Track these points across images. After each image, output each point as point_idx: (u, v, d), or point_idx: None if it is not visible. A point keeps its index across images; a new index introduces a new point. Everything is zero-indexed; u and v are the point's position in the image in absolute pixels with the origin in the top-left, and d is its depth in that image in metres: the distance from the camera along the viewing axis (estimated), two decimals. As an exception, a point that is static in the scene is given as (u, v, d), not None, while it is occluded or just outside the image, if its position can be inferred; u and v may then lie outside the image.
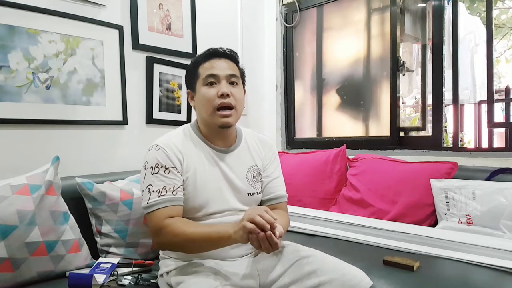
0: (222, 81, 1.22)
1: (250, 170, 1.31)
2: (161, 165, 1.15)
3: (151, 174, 1.15)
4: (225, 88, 1.21)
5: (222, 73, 1.23)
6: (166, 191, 1.13)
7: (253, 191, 1.30)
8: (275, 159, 1.41)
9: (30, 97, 1.68)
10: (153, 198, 1.12)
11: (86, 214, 1.57)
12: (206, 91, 1.22)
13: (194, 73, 1.27)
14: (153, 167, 1.15)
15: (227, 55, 1.28)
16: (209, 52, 1.27)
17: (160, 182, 1.14)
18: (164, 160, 1.16)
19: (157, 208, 1.12)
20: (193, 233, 1.08)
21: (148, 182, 1.14)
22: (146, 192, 1.14)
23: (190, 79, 1.30)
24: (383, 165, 2.05)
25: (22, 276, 1.28)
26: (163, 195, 1.12)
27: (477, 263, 1.35)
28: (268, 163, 1.38)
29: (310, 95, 2.84)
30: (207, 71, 1.23)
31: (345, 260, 1.18)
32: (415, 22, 2.48)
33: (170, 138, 1.24)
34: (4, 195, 1.28)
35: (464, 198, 1.66)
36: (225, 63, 1.26)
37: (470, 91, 3.71)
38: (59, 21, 1.76)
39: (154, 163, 1.16)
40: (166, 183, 1.14)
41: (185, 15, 2.31)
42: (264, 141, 1.41)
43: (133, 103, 2.07)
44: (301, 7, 2.78)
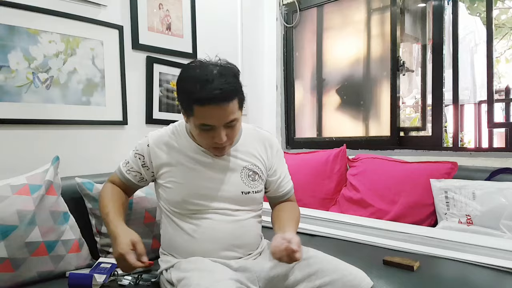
0: (219, 128, 1.12)
1: (244, 170, 1.28)
2: (136, 149, 1.32)
3: (133, 151, 1.33)
4: (221, 137, 1.13)
5: (219, 123, 1.11)
6: (126, 166, 1.33)
7: (248, 189, 1.27)
8: (279, 155, 1.38)
9: (30, 97, 1.68)
10: (121, 166, 1.35)
11: (86, 214, 1.57)
12: (201, 133, 1.15)
13: (187, 106, 1.13)
14: (134, 150, 1.33)
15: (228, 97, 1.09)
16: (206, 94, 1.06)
17: (129, 159, 1.33)
18: (140, 147, 1.31)
19: (115, 171, 1.37)
20: (102, 202, 1.26)
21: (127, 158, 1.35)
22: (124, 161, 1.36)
23: (181, 104, 1.17)
24: (383, 165, 2.05)
25: (22, 276, 1.28)
26: (123, 166, 1.34)
27: (477, 263, 1.35)
28: (273, 161, 1.35)
29: (310, 95, 2.84)
30: (202, 120, 1.11)
31: (345, 260, 1.18)
32: (415, 22, 2.48)
33: (165, 132, 1.32)
34: (4, 195, 1.28)
35: (464, 198, 1.66)
36: (224, 111, 1.10)
37: (470, 91, 3.71)
38: (59, 21, 1.76)
39: (135, 146, 1.33)
40: (129, 161, 1.33)
41: (185, 15, 2.31)
42: (265, 138, 1.36)
43: (133, 103, 2.07)
44: (301, 7, 2.78)
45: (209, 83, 1.07)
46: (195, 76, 1.10)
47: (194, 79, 1.10)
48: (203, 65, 1.13)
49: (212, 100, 1.07)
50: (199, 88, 1.07)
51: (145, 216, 1.59)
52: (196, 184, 1.24)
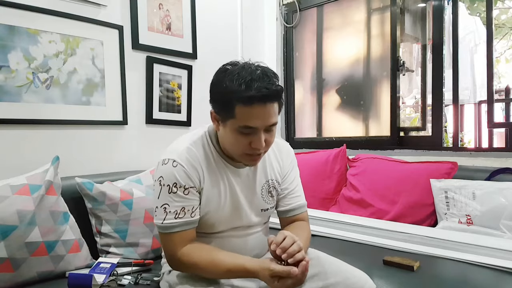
0: (260, 131, 1.02)
1: (265, 186, 1.20)
2: (179, 185, 1.04)
3: (167, 192, 1.04)
4: (262, 141, 1.03)
5: (262, 124, 1.01)
6: (184, 213, 1.05)
7: (266, 206, 1.21)
8: (294, 166, 1.28)
9: (30, 97, 1.68)
10: (169, 220, 1.04)
11: (86, 214, 1.57)
12: (238, 138, 1.03)
13: (227, 107, 1.01)
14: (170, 186, 1.04)
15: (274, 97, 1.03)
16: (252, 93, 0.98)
17: (178, 203, 1.04)
18: (183, 179, 1.05)
19: (173, 231, 1.04)
20: (207, 265, 1.02)
21: (164, 201, 1.05)
22: (161, 210, 1.05)
23: (220, 109, 1.05)
24: (383, 165, 2.05)
25: (22, 276, 1.28)
26: (180, 217, 1.04)
27: (477, 263, 1.35)
28: (287, 172, 1.25)
29: (310, 95, 2.84)
30: (245, 121, 1.00)
31: (345, 260, 1.17)
32: (415, 22, 2.48)
33: (190, 150, 1.09)
34: (4, 195, 1.28)
35: (464, 198, 1.66)
36: (269, 111, 1.02)
37: (470, 91, 3.71)
38: (59, 21, 1.76)
39: (172, 182, 1.04)
40: (185, 204, 1.05)
41: (185, 15, 2.31)
42: (282, 147, 1.27)
43: (133, 103, 2.07)
44: (301, 7, 2.78)
45: (255, 81, 0.99)
46: (238, 76, 1.00)
47: (237, 78, 1.00)
48: (244, 66, 1.04)
49: (259, 99, 0.98)
50: (245, 87, 0.98)
51: (145, 216, 1.59)
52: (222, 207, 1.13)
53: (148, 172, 1.78)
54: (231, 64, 1.07)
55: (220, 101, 1.05)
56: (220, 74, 1.06)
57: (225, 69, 1.06)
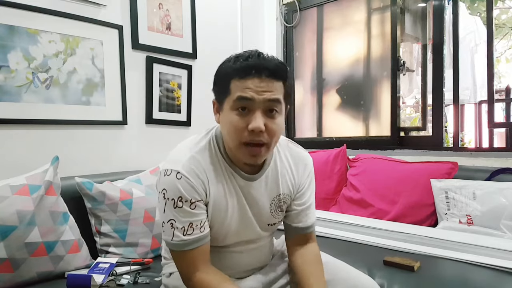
0: (257, 110, 0.93)
1: (275, 200, 1.09)
2: (185, 199, 0.95)
3: (173, 207, 0.95)
4: (259, 122, 0.92)
5: (259, 98, 0.92)
6: (192, 229, 0.96)
7: (274, 221, 1.12)
8: (311, 181, 1.16)
9: (30, 97, 1.68)
10: (178, 237, 0.95)
11: (85, 214, 1.57)
12: (234, 118, 0.94)
13: (223, 85, 0.96)
14: (175, 200, 0.95)
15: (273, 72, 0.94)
16: (247, 63, 0.93)
17: (185, 219, 0.96)
18: (188, 193, 0.96)
19: (184, 249, 0.96)
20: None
21: (170, 216, 0.96)
22: (168, 226, 0.97)
23: (218, 90, 1.00)
24: (383, 165, 2.05)
25: (22, 276, 1.28)
26: (189, 234, 0.95)
27: (477, 263, 1.35)
28: (303, 188, 1.13)
29: (310, 95, 2.84)
30: (239, 92, 0.92)
31: (345, 261, 1.17)
32: (416, 22, 2.48)
33: (194, 159, 0.99)
34: (3, 196, 1.28)
35: (464, 198, 1.65)
36: (267, 84, 0.93)
37: (470, 91, 3.71)
38: (59, 21, 1.76)
39: (177, 195, 0.95)
40: (192, 220, 0.96)
41: (185, 15, 2.31)
42: (298, 159, 1.14)
43: (133, 103, 2.07)
44: (301, 7, 2.77)
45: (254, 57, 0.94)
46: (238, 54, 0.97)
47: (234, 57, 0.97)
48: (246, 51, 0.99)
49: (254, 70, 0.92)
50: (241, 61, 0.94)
51: (145, 216, 1.59)
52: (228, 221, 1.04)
53: (148, 172, 1.78)
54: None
55: (217, 82, 1.00)
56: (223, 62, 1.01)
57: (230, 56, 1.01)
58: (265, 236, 1.15)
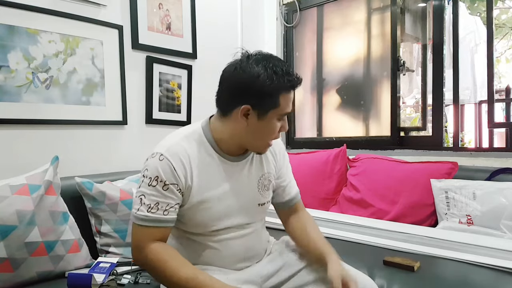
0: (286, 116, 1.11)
1: (261, 179, 1.19)
2: (160, 179, 1.01)
3: (147, 184, 1.02)
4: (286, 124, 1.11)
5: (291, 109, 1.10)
6: (157, 208, 1.01)
7: (263, 201, 1.19)
8: (286, 157, 1.30)
9: (30, 97, 1.68)
10: (142, 212, 1.01)
11: (85, 214, 1.57)
12: (275, 126, 1.07)
13: (272, 99, 1.03)
14: (151, 178, 1.02)
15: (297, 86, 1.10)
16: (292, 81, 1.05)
17: (154, 198, 1.02)
18: (165, 175, 1.02)
19: (143, 224, 1.01)
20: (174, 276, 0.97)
21: (142, 191, 1.03)
22: (138, 200, 1.03)
23: (263, 101, 1.04)
24: (383, 165, 2.05)
25: (22, 276, 1.28)
26: (153, 212, 1.01)
27: (477, 263, 1.35)
28: (281, 165, 1.26)
29: (310, 95, 2.84)
30: (286, 108, 1.07)
31: (345, 261, 1.17)
32: (416, 22, 2.48)
33: (180, 144, 1.06)
34: (3, 195, 1.28)
35: (464, 198, 1.65)
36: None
37: (470, 91, 3.71)
38: (59, 21, 1.76)
39: (154, 175, 1.02)
40: (160, 200, 1.02)
41: (185, 15, 2.31)
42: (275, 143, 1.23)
43: (132, 103, 2.07)
44: (301, 7, 2.77)
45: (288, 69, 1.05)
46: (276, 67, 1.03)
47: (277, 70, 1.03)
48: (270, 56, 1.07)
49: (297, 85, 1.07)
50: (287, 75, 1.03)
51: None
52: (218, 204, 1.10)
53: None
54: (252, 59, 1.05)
55: (264, 93, 1.03)
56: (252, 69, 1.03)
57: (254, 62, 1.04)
58: (256, 220, 1.20)
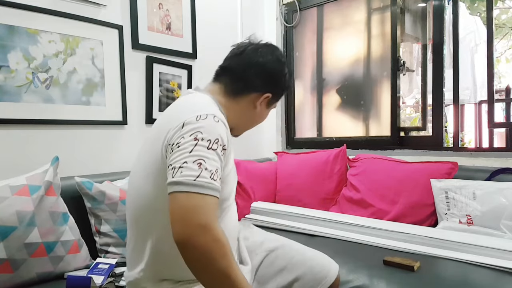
0: None
1: None
2: (221, 142, 0.87)
3: (206, 148, 0.84)
4: None
5: None
6: (217, 176, 0.84)
7: None
8: None
9: (30, 97, 1.68)
10: (205, 178, 0.80)
11: (85, 214, 1.57)
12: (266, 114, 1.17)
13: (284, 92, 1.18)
14: (211, 140, 0.85)
15: None
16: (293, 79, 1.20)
17: (215, 163, 0.84)
18: (225, 137, 0.89)
19: (210, 194, 0.80)
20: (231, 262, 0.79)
21: (201, 155, 0.83)
22: (195, 165, 0.81)
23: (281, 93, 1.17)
24: (383, 165, 2.05)
25: (22, 277, 1.28)
26: (215, 179, 0.82)
27: (477, 263, 1.35)
28: None
29: (310, 95, 2.84)
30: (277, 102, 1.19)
31: (345, 260, 1.18)
32: (416, 22, 2.48)
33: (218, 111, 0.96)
34: (3, 196, 1.28)
35: (464, 198, 1.65)
36: None
37: (470, 91, 3.71)
38: (59, 21, 1.76)
39: (214, 137, 0.86)
40: (219, 167, 0.85)
41: (185, 15, 2.31)
42: None
43: (132, 103, 2.07)
44: (301, 7, 2.77)
45: None
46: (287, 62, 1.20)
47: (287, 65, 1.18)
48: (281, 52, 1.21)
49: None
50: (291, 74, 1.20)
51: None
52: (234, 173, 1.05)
53: (148, 172, 1.78)
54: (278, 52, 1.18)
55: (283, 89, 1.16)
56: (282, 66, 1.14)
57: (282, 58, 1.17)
58: None
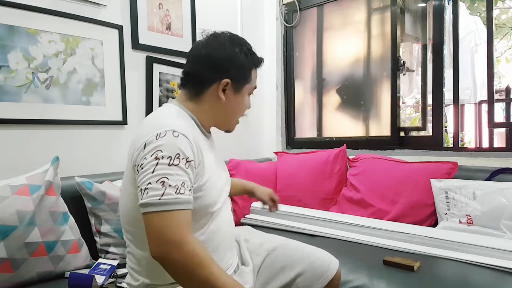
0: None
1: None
2: (182, 156, 0.88)
3: (167, 165, 0.86)
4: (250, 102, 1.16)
5: None
6: (185, 189, 0.86)
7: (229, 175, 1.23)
8: None
9: (30, 97, 1.68)
10: (169, 195, 0.84)
11: (85, 214, 1.57)
12: (247, 100, 1.13)
13: (245, 73, 1.09)
14: (172, 157, 0.87)
15: None
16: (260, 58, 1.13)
17: (179, 177, 0.86)
18: (186, 150, 0.90)
19: (176, 209, 0.83)
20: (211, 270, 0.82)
21: (163, 173, 0.85)
22: (158, 185, 0.84)
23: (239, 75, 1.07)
24: (383, 165, 2.05)
25: (22, 276, 1.28)
26: (181, 193, 0.85)
27: (477, 263, 1.35)
28: None
29: (310, 95, 2.84)
30: (255, 82, 1.14)
31: (345, 260, 1.18)
32: (416, 22, 2.48)
33: (180, 122, 0.98)
34: (3, 196, 1.28)
35: (464, 198, 1.65)
36: None
37: (470, 91, 3.71)
38: (59, 21, 1.76)
39: (174, 152, 0.87)
40: (185, 180, 0.87)
41: (185, 15, 2.31)
42: None
43: (133, 103, 2.07)
44: (301, 7, 2.77)
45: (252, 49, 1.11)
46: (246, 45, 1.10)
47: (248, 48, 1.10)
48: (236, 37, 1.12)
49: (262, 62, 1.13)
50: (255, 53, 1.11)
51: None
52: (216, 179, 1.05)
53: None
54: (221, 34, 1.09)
55: (242, 67, 1.09)
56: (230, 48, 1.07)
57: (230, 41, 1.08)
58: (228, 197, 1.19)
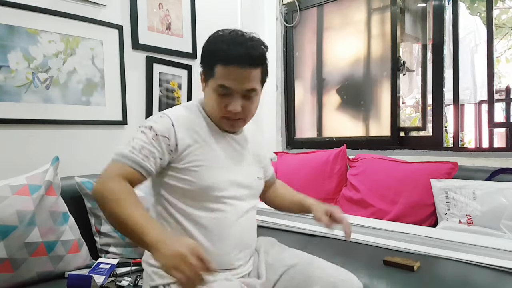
0: (236, 95, 1.04)
1: (255, 156, 1.22)
2: (153, 130, 1.03)
3: (140, 132, 1.04)
4: (236, 105, 1.04)
5: (237, 88, 1.03)
6: (140, 152, 1.00)
7: (260, 175, 1.23)
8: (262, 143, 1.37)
9: (30, 97, 1.68)
10: (123, 150, 1.00)
11: (85, 214, 1.57)
12: (216, 98, 1.06)
13: (209, 67, 1.06)
14: (146, 127, 1.04)
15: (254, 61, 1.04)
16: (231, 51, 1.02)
17: (141, 142, 1.01)
18: (160, 127, 1.03)
19: (120, 160, 1.00)
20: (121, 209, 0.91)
21: (132, 136, 1.04)
22: (126, 142, 1.03)
23: (204, 68, 1.10)
24: (383, 165, 2.05)
25: (22, 276, 1.28)
26: (134, 153, 0.99)
27: (477, 263, 1.35)
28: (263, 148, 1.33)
29: (310, 95, 2.84)
30: (222, 79, 1.03)
31: (345, 260, 1.17)
32: (416, 22, 2.48)
33: (181, 111, 1.11)
34: (3, 196, 1.28)
35: (464, 198, 1.65)
36: (245, 76, 1.03)
37: (470, 91, 3.71)
38: (59, 21, 1.76)
39: (149, 125, 1.04)
40: (145, 146, 1.01)
41: (185, 15, 2.31)
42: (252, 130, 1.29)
43: (133, 103, 2.07)
44: (301, 7, 2.77)
45: (238, 45, 1.03)
46: (224, 38, 1.06)
47: (222, 39, 1.06)
48: (236, 31, 1.08)
49: (236, 61, 1.01)
50: (226, 47, 1.03)
51: None
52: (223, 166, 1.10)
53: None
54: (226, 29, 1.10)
55: (205, 60, 1.09)
56: (211, 36, 1.11)
57: (218, 31, 1.11)
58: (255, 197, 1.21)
